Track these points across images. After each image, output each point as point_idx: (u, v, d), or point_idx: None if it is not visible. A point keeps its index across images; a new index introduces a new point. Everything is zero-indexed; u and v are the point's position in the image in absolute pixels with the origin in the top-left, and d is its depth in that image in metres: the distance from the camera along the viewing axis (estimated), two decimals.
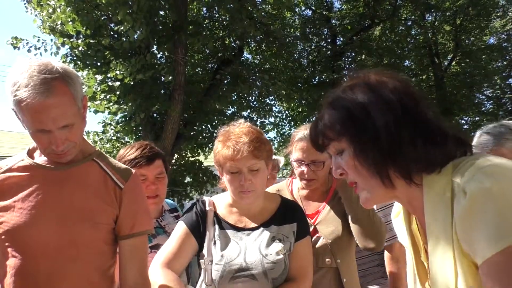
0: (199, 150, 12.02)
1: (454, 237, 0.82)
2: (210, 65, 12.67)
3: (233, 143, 1.69)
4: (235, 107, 12.83)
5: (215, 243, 1.74)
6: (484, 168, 0.80)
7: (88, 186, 1.47)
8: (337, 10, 17.89)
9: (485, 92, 20.69)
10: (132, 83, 8.97)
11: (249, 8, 11.18)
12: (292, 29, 17.20)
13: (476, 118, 19.74)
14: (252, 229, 1.78)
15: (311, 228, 2.04)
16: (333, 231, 2.06)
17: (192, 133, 11.17)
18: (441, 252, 0.86)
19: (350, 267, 2.10)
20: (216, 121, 11.54)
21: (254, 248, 1.72)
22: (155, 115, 10.50)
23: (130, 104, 9.30)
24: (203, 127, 11.74)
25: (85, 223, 1.41)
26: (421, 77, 19.99)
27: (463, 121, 19.87)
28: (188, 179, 11.86)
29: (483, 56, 18.85)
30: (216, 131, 12.34)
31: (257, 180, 1.73)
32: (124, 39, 9.03)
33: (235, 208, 1.84)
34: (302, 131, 2.11)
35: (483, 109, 20.59)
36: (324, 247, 2.04)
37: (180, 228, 1.79)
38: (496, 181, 0.76)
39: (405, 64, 19.18)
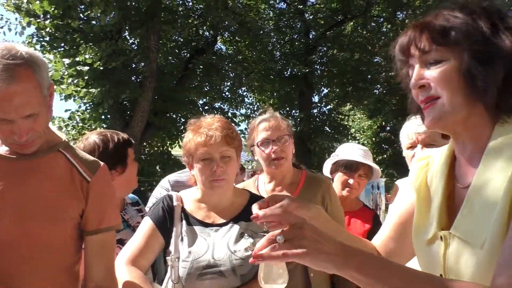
0: (169, 140, 11.88)
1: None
2: (183, 54, 12.49)
3: (205, 130, 1.68)
4: (207, 98, 12.73)
5: (182, 239, 1.70)
6: None
7: (53, 178, 1.40)
8: (311, 4, 17.97)
9: None
10: (101, 68, 8.73)
11: None
12: (266, 21, 17.17)
13: None
14: (221, 225, 1.75)
15: None
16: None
17: (162, 123, 11.01)
18: (494, 186, 0.84)
19: (319, 277, 2.10)
20: (187, 111, 11.42)
21: (223, 244, 1.68)
22: (124, 102, 10.28)
23: (99, 89, 9.05)
24: (174, 116, 11.60)
25: (48, 217, 1.35)
26: (390, 73, 20.43)
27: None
28: (157, 169, 11.71)
29: None
30: (187, 121, 12.23)
31: (228, 168, 1.71)
32: (95, 22, 8.76)
33: (203, 203, 1.80)
34: (260, 117, 2.17)
35: None
36: None
37: (146, 224, 1.74)
38: None
39: (376, 60, 19.53)
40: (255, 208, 0.97)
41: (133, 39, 10.59)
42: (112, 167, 1.95)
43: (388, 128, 20.09)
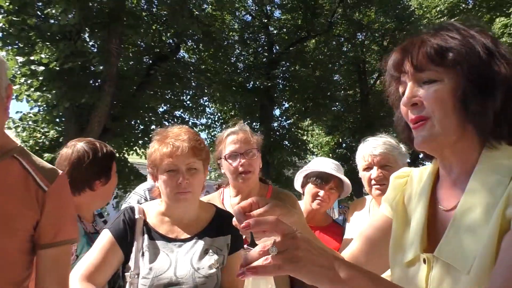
0: (126, 147, 11.52)
1: (503, 198, 0.80)
2: (144, 60, 12.24)
3: (172, 140, 1.62)
4: (168, 106, 12.51)
5: (143, 254, 1.61)
6: None
7: (5, 186, 1.29)
8: (276, 18, 18.26)
9: None
10: (58, 69, 8.36)
11: (191, 5, 10.99)
12: (231, 32, 17.24)
13: (394, 135, 21.21)
14: (184, 240, 1.68)
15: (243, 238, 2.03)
16: (266, 241, 2.03)
17: (120, 129, 10.68)
18: (481, 210, 0.83)
19: (280, 277, 2.09)
20: (147, 118, 11.15)
21: (186, 261, 1.61)
22: (81, 105, 9.88)
23: (54, 91, 8.65)
24: (133, 123, 11.28)
25: None
26: (348, 91, 21.06)
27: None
28: None
29: None
30: (146, 128, 11.99)
31: (194, 181, 1.65)
32: (53, 21, 8.40)
33: (167, 217, 1.72)
34: (229, 129, 2.14)
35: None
36: None
37: (104, 237, 1.63)
38: None
39: (335, 78, 20.07)
40: (238, 214, 0.89)
41: (93, 41, 10.25)
42: (98, 177, 1.99)
43: (344, 145, 20.60)
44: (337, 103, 19.86)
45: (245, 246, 1.93)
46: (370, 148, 2.23)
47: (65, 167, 1.91)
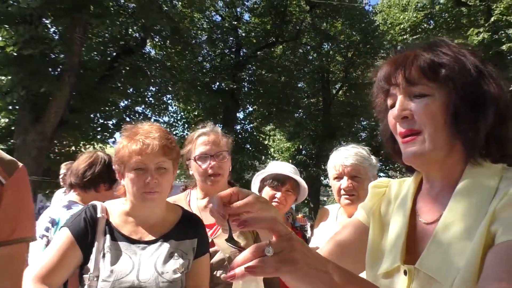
0: (83, 141, 11.05)
1: (488, 214, 0.81)
2: (108, 52, 11.81)
3: (142, 137, 1.54)
4: (130, 100, 12.13)
5: (104, 256, 1.51)
6: None
7: None
8: (246, 21, 18.26)
9: (362, 123, 23.00)
10: (15, 54, 7.86)
11: (160, 0, 10.74)
12: (199, 31, 17.04)
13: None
14: (149, 243, 1.59)
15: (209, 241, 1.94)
16: (240, 235, 1.95)
17: (78, 121, 10.21)
18: (464, 225, 0.84)
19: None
20: (107, 112, 10.74)
21: (149, 265, 1.53)
22: (37, 94, 9.35)
23: (10, 77, 8.12)
24: (92, 116, 10.84)
25: None
26: (311, 99, 21.41)
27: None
28: None
29: (365, 90, 20.98)
30: (106, 123, 11.57)
31: (163, 181, 1.57)
32: (12, 2, 7.89)
33: (131, 217, 1.62)
34: (200, 130, 2.07)
35: (359, 137, 22.86)
36: (221, 262, 1.92)
37: (63, 236, 1.52)
38: None
39: (300, 85, 20.35)
40: (217, 204, 0.86)
41: (55, 28, 9.76)
42: (107, 181, 2.38)
43: (304, 152, 20.89)
44: (300, 110, 20.14)
45: (231, 246, 1.87)
46: (341, 158, 2.24)
47: (82, 167, 2.34)
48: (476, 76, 0.89)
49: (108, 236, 1.55)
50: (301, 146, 20.91)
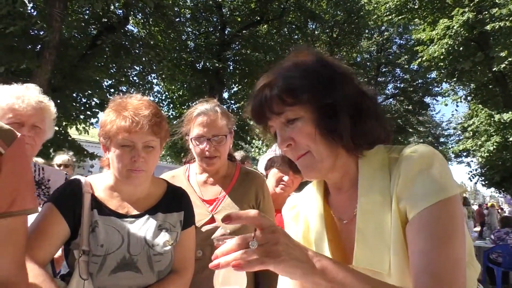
0: (66, 121, 10.80)
1: (393, 197, 0.91)
2: (90, 29, 11.45)
3: (131, 114, 1.48)
4: (113, 80, 11.86)
5: (93, 230, 1.49)
6: (420, 145, 0.94)
7: None
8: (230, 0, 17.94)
9: None
10: None
11: None
12: (183, 10, 16.67)
13: None
14: (136, 216, 1.58)
15: (209, 217, 1.94)
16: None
17: (60, 101, 9.93)
18: (378, 213, 0.93)
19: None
20: (90, 91, 10.49)
21: (139, 238, 1.53)
22: (17, 72, 9.05)
23: None
24: (74, 95, 10.57)
25: None
26: None
27: None
28: (50, 152, 10.55)
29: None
30: (89, 102, 11.29)
31: (150, 159, 1.55)
32: None
33: (116, 192, 1.60)
34: (200, 107, 2.00)
35: None
36: (221, 237, 1.92)
37: (48, 210, 1.48)
38: (435, 151, 0.92)
39: None
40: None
41: (33, 3, 9.39)
42: None
43: None
44: None
45: (219, 234, 1.89)
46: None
47: None
48: (325, 84, 0.96)
49: (95, 211, 1.52)
50: None
